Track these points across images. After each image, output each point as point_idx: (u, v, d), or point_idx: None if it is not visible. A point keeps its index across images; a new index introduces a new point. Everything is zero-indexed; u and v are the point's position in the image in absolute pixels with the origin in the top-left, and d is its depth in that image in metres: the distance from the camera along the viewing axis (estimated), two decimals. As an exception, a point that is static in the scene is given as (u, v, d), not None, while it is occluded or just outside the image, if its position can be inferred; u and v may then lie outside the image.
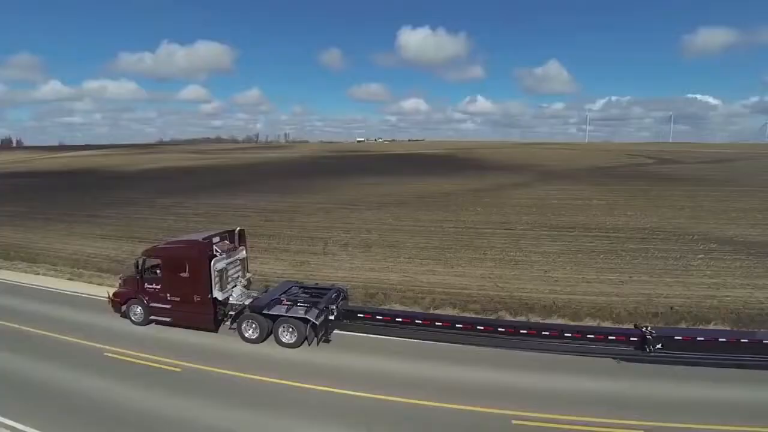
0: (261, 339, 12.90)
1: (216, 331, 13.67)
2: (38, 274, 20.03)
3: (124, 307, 14.51)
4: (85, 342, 13.14)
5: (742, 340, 11.74)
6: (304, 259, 21.84)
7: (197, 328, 13.64)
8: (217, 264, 13.49)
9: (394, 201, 40.50)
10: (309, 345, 12.59)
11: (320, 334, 12.59)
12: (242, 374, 11.35)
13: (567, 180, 58.26)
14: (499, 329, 12.38)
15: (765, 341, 11.66)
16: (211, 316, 13.50)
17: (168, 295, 13.77)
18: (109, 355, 12.40)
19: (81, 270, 20.38)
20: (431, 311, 15.04)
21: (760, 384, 10.85)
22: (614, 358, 11.83)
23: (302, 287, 14.70)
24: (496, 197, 43.11)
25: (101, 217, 34.14)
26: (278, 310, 12.81)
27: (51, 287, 18.34)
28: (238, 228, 15.30)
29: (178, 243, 14.50)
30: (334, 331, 13.15)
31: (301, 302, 13.04)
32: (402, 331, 12.86)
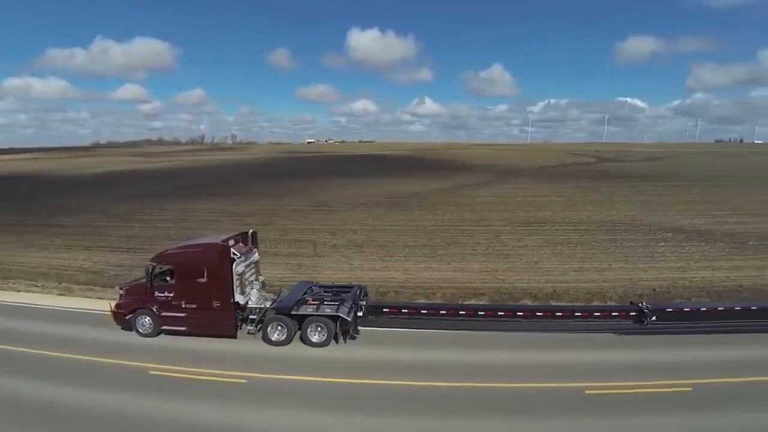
0: (288, 341, 12.75)
1: (236, 336, 13.29)
2: (19, 290, 18.14)
3: (129, 317, 13.62)
4: (124, 362, 11.90)
5: (719, 309, 13.57)
6: (299, 262, 21.60)
7: (214, 336, 13.10)
8: (238, 267, 13.10)
9: (366, 202, 40.77)
10: (337, 343, 12.66)
11: (350, 331, 12.69)
12: (313, 378, 11.10)
13: (524, 178, 61.46)
14: (518, 314, 13.22)
15: (737, 308, 13.52)
16: (233, 321, 13.08)
17: (183, 302, 13.03)
18: (155, 373, 11.35)
19: (66, 284, 18.75)
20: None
21: (739, 344, 12.73)
22: (614, 333, 13.14)
23: (322, 287, 14.66)
24: (463, 196, 44.68)
25: (55, 226, 31.39)
26: (306, 309, 12.78)
27: (47, 305, 16.59)
28: (251, 230, 14.93)
29: (194, 247, 13.83)
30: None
31: (328, 301, 13.08)
32: (427, 322, 13.35)
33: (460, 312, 13.48)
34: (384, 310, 13.68)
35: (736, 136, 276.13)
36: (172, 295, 13.14)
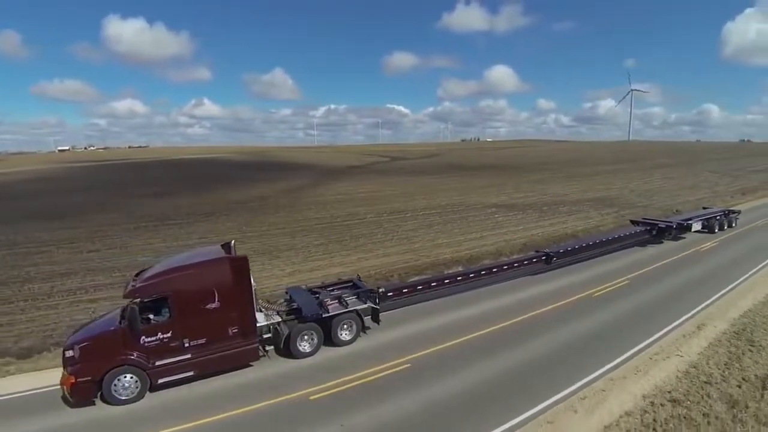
0: (317, 349, 11.92)
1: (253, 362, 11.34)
2: None
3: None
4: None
5: (589, 243, 20.36)
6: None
7: (228, 371, 10.89)
8: (252, 281, 11.29)
9: (212, 211, 36.85)
10: (365, 333, 12.81)
11: (376, 318, 12.98)
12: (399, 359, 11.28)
13: (348, 177, 66.54)
14: (482, 273, 16.32)
15: (596, 242, 20.51)
16: (257, 345, 11.13)
17: (186, 341, 10.24)
18: (314, 397, 9.85)
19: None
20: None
21: (601, 263, 19.63)
22: (533, 274, 18.02)
23: (315, 288, 13.86)
24: (310, 195, 45.94)
25: None
26: (335, 310, 12.26)
27: None
28: (233, 241, 12.95)
29: (196, 266, 10.89)
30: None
31: (347, 296, 12.92)
32: (427, 294, 15.07)
33: (458, 278, 15.69)
34: (404, 290, 14.42)
35: (473, 135, 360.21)
36: (168, 335, 10.11)
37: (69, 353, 9.76)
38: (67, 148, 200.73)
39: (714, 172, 60.75)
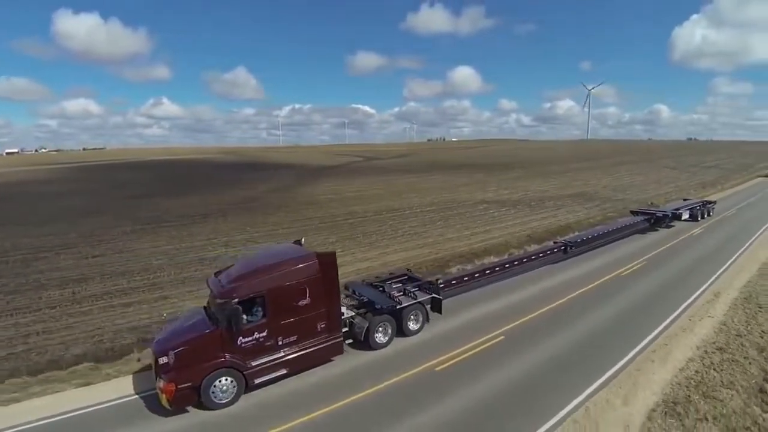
0: (392, 339, 12.41)
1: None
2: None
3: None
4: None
5: (602, 232, 22.29)
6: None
7: (317, 366, 11.14)
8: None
9: (206, 212, 36.30)
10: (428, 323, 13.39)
11: (438, 308, 13.53)
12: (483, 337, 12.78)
13: (329, 177, 66.50)
14: (515, 263, 17.62)
15: (607, 231, 22.53)
16: (342, 339, 11.46)
17: (279, 339, 10.38)
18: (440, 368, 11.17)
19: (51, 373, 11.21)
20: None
21: (616, 248, 21.46)
22: (553, 263, 19.51)
23: (376, 282, 14.37)
24: (301, 195, 45.91)
25: None
26: (405, 301, 12.79)
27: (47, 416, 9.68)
28: (302, 238, 13.16)
29: (288, 263, 10.82)
30: None
31: (410, 288, 13.51)
32: (489, 279, 16.31)
33: (506, 266, 17.01)
34: (463, 279, 15.27)
35: (439, 135, 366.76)
36: (263, 334, 10.16)
37: (163, 360, 9.56)
38: (15, 150, 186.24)
39: (672, 168, 65.78)
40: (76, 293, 18.01)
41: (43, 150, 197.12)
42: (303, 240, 12.96)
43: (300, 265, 10.81)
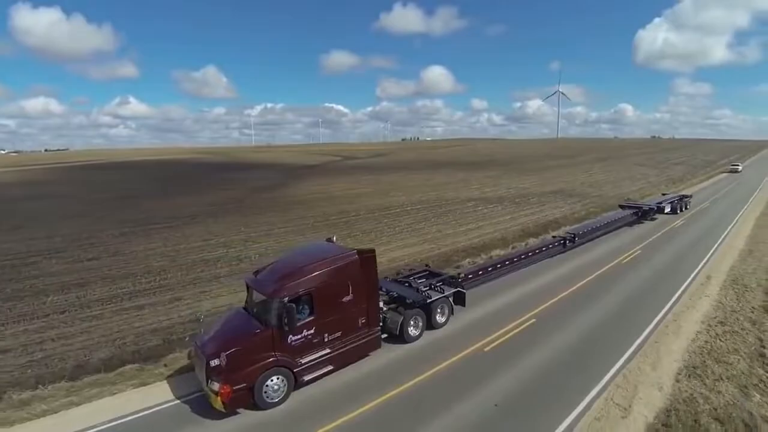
0: (423, 332, 12.75)
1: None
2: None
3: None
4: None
5: (599, 224, 23.59)
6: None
7: (358, 360, 11.34)
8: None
9: (194, 213, 35.70)
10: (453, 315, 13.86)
11: (462, 301, 14.03)
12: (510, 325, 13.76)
13: (310, 176, 66.20)
14: (522, 256, 18.30)
15: (603, 223, 23.85)
16: (380, 333, 11.70)
17: (326, 335, 10.49)
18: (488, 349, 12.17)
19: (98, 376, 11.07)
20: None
21: (610, 239, 22.66)
22: (551, 257, 20.40)
23: (401, 278, 14.65)
24: (289, 195, 45.67)
25: None
26: (433, 295, 13.20)
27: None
28: (334, 236, 13.43)
29: (332, 260, 10.91)
30: None
31: (435, 282, 13.94)
32: (501, 272, 16.91)
33: (514, 259, 17.65)
34: (479, 273, 15.82)
35: (412, 135, 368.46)
36: (312, 331, 10.24)
37: (215, 362, 9.42)
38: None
39: (641, 165, 69.31)
40: (80, 297, 17.57)
41: (2, 152, 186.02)
42: (335, 237, 13.26)
43: (343, 262, 10.98)
